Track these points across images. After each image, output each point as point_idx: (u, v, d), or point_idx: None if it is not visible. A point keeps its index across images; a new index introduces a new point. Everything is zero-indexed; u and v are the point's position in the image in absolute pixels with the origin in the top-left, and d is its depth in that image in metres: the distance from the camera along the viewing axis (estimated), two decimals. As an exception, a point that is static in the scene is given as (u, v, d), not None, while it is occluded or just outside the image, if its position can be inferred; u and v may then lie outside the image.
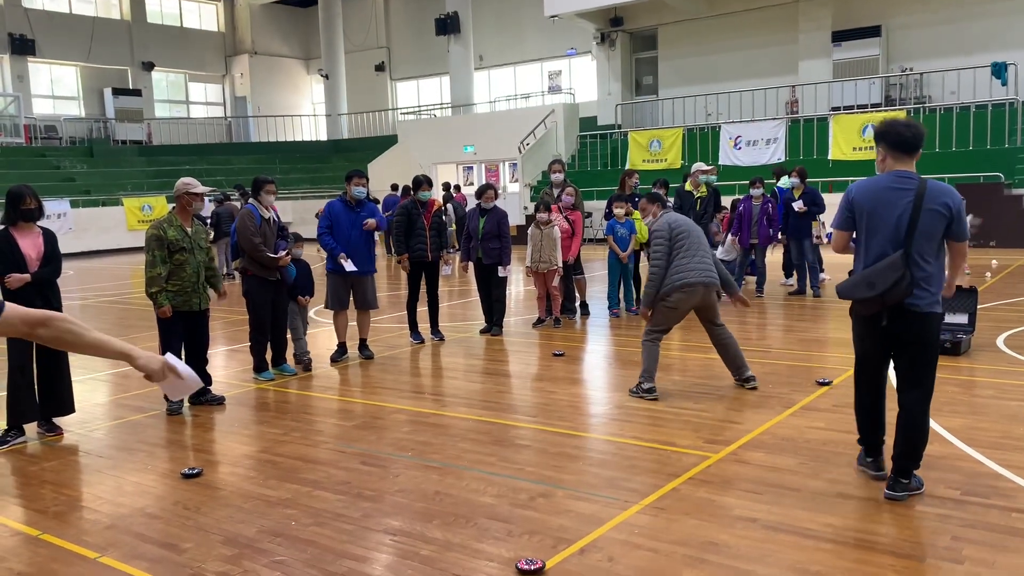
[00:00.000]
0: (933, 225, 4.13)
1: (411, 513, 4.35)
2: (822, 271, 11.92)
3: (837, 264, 13.54)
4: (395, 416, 6.27)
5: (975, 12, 21.28)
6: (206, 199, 7.21)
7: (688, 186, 11.39)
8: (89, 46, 31.67)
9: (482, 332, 9.52)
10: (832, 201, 11.80)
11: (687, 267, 6.35)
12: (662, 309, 6.43)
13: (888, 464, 4.42)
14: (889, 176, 4.25)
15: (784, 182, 12.38)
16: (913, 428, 4.25)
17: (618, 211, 10.18)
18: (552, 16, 25.33)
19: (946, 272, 4.36)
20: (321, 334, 9.63)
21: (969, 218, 13.22)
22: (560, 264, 9.56)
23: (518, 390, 7.00)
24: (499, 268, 9.23)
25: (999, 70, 19.85)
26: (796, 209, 11.24)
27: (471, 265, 9.45)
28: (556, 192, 10.37)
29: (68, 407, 6.23)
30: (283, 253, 7.48)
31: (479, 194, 9.41)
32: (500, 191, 9.56)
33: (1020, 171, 18.04)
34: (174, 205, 6.73)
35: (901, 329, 4.22)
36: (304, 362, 7.95)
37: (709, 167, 11.95)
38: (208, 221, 16.40)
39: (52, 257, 6.07)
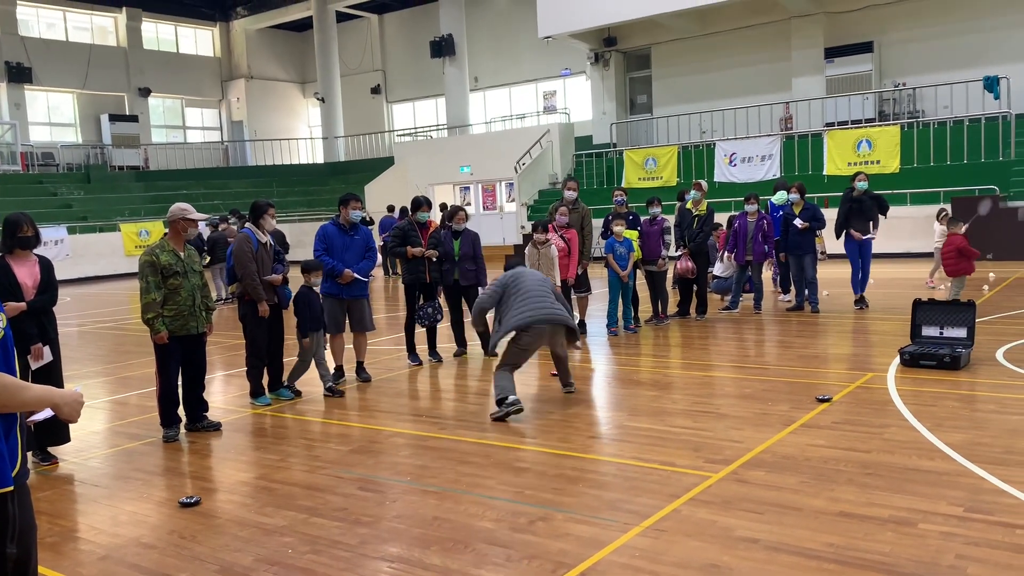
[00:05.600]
0: None
1: (409, 539, 4.30)
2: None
3: (835, 280, 13.54)
4: (393, 440, 6.23)
5: (966, 27, 21.43)
6: (200, 224, 7.19)
7: (688, 204, 11.41)
8: (86, 73, 31.82)
9: (456, 356, 9.47)
10: (830, 216, 11.84)
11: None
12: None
13: None
14: None
15: (778, 197, 12.36)
16: None
17: (617, 229, 10.18)
18: (546, 37, 25.47)
19: None
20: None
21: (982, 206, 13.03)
22: (558, 283, 9.54)
23: (517, 411, 6.95)
24: (479, 289, 9.24)
25: (991, 84, 19.96)
26: (798, 226, 11.20)
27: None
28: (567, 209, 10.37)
29: (64, 436, 6.18)
30: (277, 276, 7.46)
31: (450, 216, 9.40)
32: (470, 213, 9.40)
33: (1015, 183, 18.09)
34: (167, 230, 6.71)
35: None
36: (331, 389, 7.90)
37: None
38: (204, 247, 16.40)
39: (48, 285, 6.03)
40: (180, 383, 6.69)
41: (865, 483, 4.72)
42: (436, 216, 18.75)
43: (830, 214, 11.93)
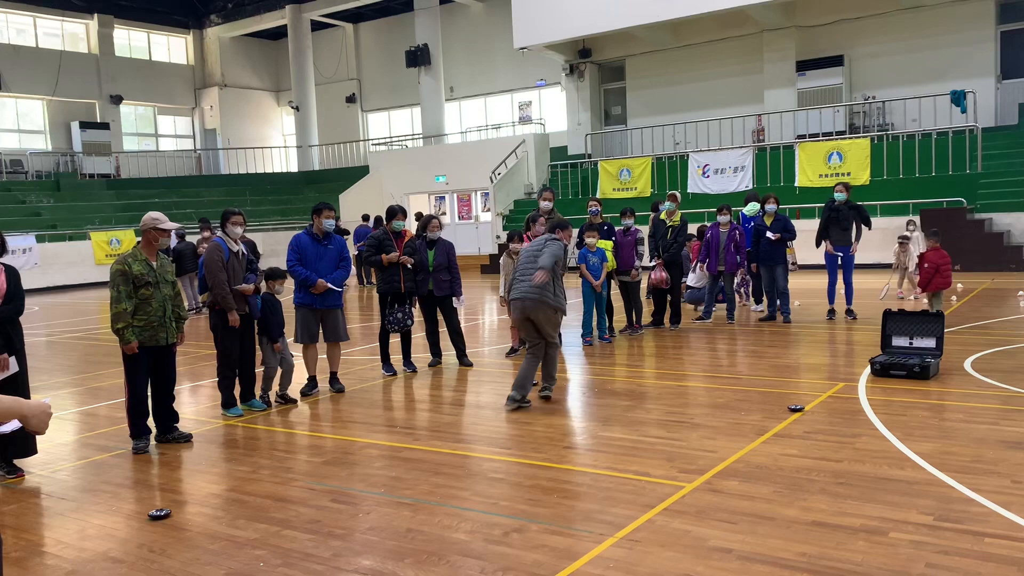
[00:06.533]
0: None
1: (382, 551, 4.27)
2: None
3: (807, 290, 13.68)
4: (366, 451, 6.19)
5: (934, 42, 21.81)
6: (172, 234, 7.11)
7: (662, 215, 11.48)
8: (56, 80, 31.43)
9: (431, 366, 9.44)
10: (801, 227, 11.98)
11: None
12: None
13: None
14: None
15: (748, 209, 12.49)
16: None
17: (590, 240, 10.22)
18: (521, 48, 25.58)
19: None
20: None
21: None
22: None
23: (492, 421, 6.94)
24: (454, 299, 9.24)
25: (958, 98, 20.31)
26: (771, 238, 11.28)
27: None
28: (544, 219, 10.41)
29: (30, 448, 6.08)
30: (249, 285, 7.40)
31: (424, 225, 9.40)
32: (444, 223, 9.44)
33: (982, 196, 18.40)
34: (140, 239, 6.64)
35: None
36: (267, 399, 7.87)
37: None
38: (170, 257, 16.23)
39: (14, 294, 5.93)
40: (150, 394, 6.61)
41: (837, 492, 4.76)
42: (411, 225, 18.70)
43: (801, 225, 12.05)
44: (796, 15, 23.27)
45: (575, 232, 11.11)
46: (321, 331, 8.23)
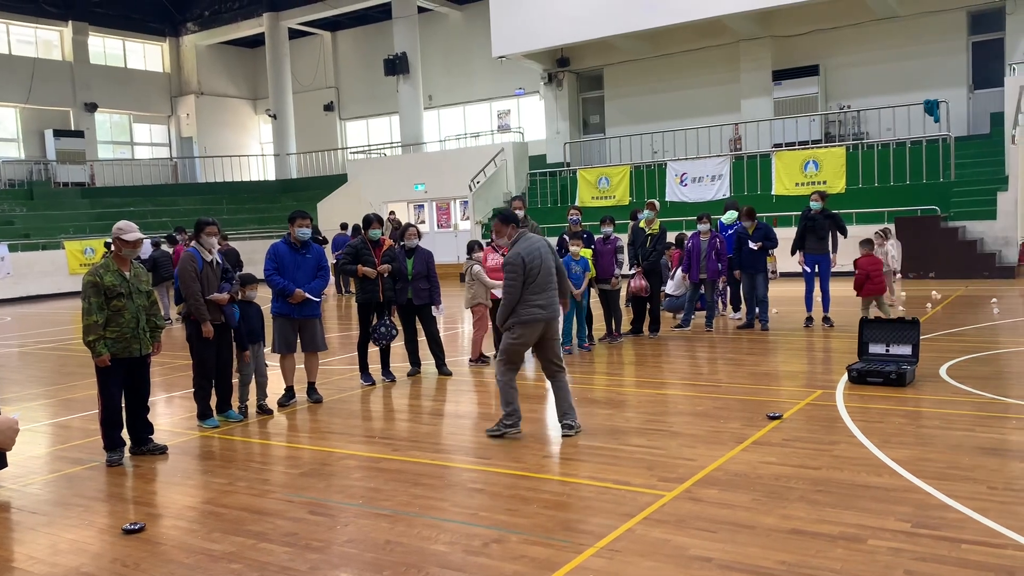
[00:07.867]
0: None
1: (361, 564, 4.22)
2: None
3: (785, 298, 13.77)
4: (344, 462, 6.13)
5: (907, 52, 22.09)
6: (147, 243, 7.03)
7: (641, 223, 11.51)
8: (30, 87, 31.06)
9: (410, 375, 9.38)
10: (777, 235, 12.04)
11: (535, 303, 6.37)
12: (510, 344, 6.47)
13: None
14: None
15: (727, 217, 12.58)
16: None
17: (573, 249, 10.22)
18: (500, 57, 25.62)
19: None
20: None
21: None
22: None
23: (470, 431, 6.91)
24: (433, 308, 9.21)
25: (931, 107, 20.56)
26: (753, 247, 11.33)
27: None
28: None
29: (0, 462, 5.97)
30: (224, 294, 7.32)
31: (402, 233, 9.37)
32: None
33: (956, 204, 18.62)
34: (111, 250, 6.56)
35: None
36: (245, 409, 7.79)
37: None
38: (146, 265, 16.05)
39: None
40: (124, 405, 6.52)
41: (816, 500, 4.77)
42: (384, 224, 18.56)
43: (777, 233, 12.13)
44: (772, 25, 23.49)
45: (553, 241, 11.15)
46: (299, 341, 8.16)
